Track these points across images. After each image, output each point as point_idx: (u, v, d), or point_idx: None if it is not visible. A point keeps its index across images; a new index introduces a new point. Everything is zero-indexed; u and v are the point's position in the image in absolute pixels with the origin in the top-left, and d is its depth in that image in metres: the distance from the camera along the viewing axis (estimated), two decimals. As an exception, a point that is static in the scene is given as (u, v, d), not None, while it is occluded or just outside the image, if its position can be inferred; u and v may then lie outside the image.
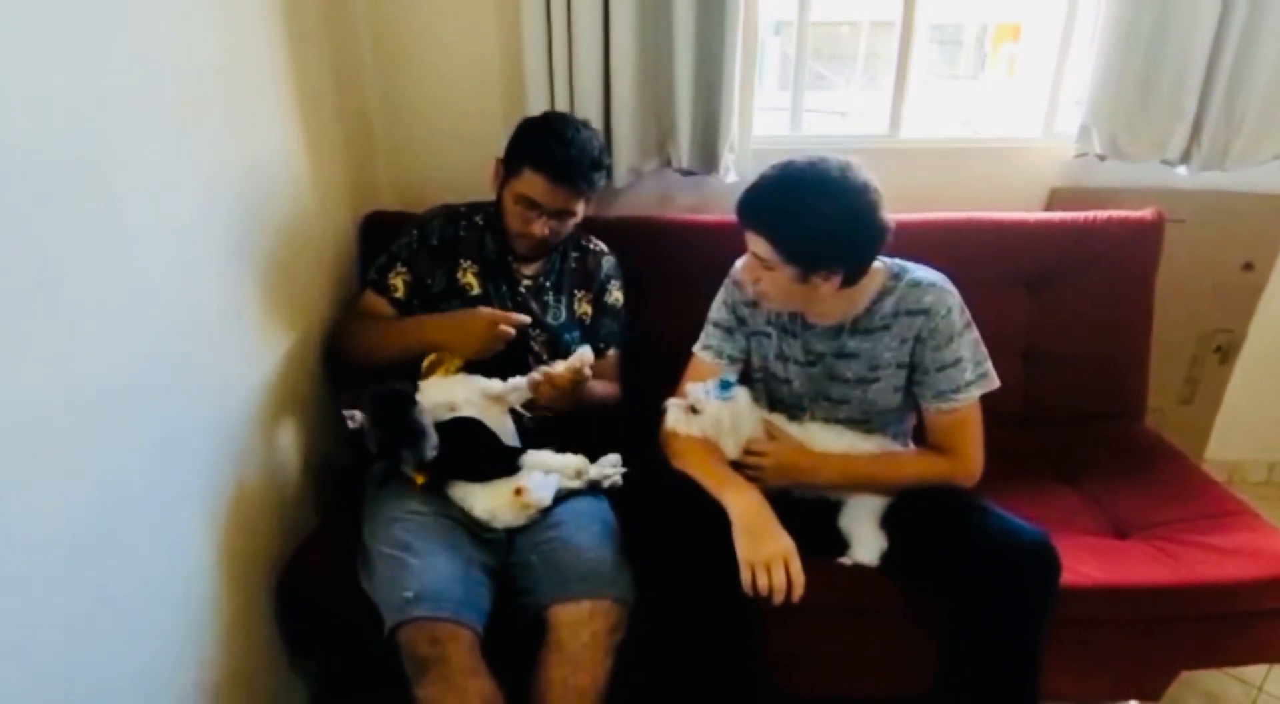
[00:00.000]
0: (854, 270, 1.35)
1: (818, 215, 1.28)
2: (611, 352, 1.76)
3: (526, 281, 1.69)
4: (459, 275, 1.66)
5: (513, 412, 1.54)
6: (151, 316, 1.15)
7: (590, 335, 1.72)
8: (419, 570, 1.33)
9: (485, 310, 1.54)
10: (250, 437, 1.44)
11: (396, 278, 1.66)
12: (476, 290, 1.65)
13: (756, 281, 1.40)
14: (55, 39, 0.98)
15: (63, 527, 0.99)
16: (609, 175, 1.63)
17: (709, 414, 1.43)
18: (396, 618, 1.28)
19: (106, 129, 1.06)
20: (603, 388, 1.68)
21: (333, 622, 1.51)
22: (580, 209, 1.61)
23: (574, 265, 1.73)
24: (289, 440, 1.59)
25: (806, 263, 1.31)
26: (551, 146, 1.54)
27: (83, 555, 1.03)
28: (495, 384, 1.50)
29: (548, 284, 1.71)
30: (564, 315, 1.70)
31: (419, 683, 1.26)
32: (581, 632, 1.32)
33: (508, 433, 1.52)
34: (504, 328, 1.51)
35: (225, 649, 1.36)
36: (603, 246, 1.77)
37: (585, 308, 1.73)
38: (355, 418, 1.39)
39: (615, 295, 1.76)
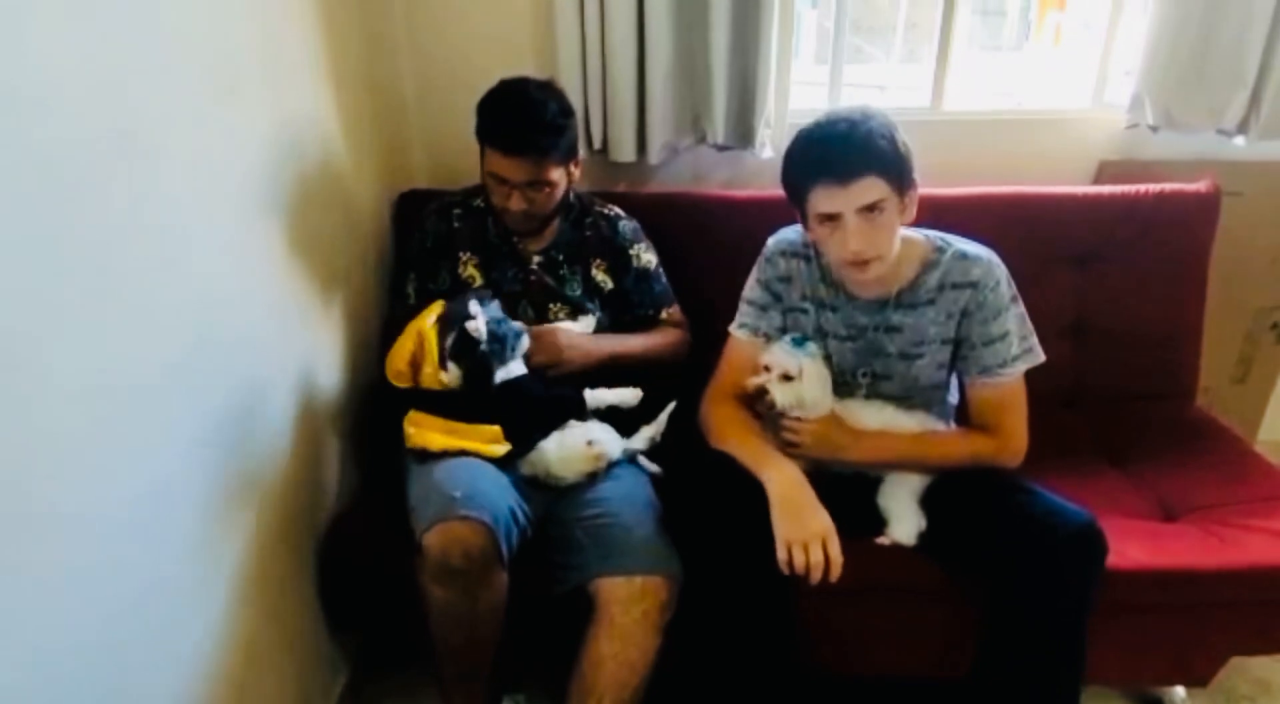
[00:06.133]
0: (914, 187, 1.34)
1: (888, 128, 1.28)
2: (665, 313, 1.73)
3: (537, 258, 1.67)
4: (460, 270, 1.66)
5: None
6: (194, 292, 1.17)
7: (632, 305, 1.71)
8: (468, 478, 1.35)
9: None
10: (290, 409, 1.46)
11: (410, 285, 1.70)
12: (480, 282, 1.64)
13: (871, 244, 1.30)
14: (96, 16, 0.98)
15: (122, 508, 1.01)
16: (569, 132, 1.54)
17: (810, 374, 1.40)
18: (439, 514, 1.28)
19: (146, 107, 1.07)
20: (638, 342, 1.66)
21: (372, 588, 1.54)
22: (555, 175, 1.53)
23: (588, 234, 1.69)
24: (327, 412, 1.60)
25: (905, 179, 1.30)
26: (499, 119, 1.50)
27: (133, 540, 1.05)
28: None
29: (560, 258, 1.67)
30: (580, 287, 1.68)
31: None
32: (633, 608, 1.32)
33: None
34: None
35: (269, 624, 1.39)
36: (618, 211, 1.73)
37: (603, 277, 1.69)
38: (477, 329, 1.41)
39: (645, 258, 1.71)
